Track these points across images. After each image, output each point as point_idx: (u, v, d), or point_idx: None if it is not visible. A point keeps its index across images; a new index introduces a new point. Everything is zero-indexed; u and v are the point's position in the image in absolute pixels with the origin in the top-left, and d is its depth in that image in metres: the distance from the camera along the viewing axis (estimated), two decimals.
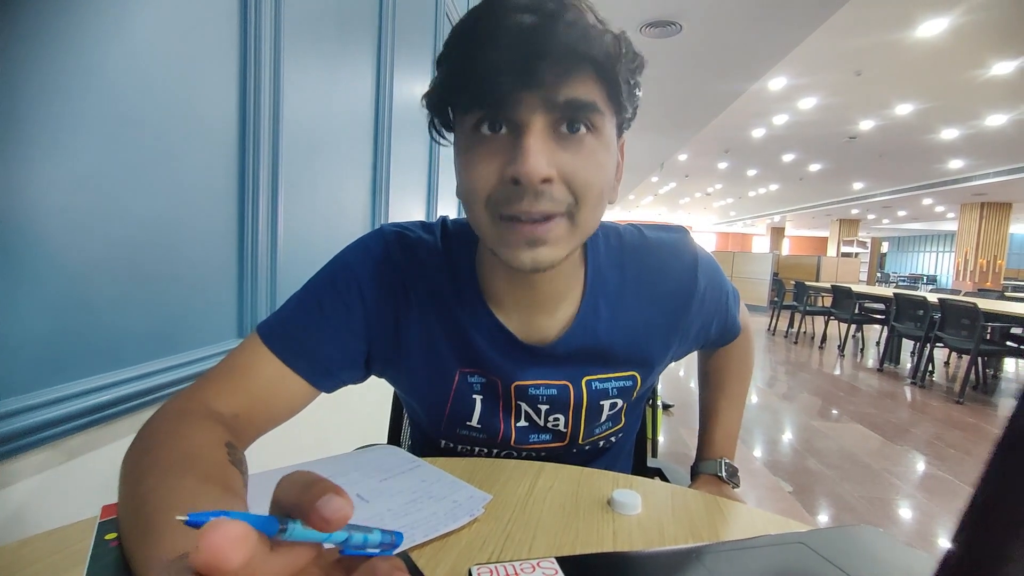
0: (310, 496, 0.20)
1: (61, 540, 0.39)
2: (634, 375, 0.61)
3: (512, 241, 0.46)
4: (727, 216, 21.80)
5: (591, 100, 0.44)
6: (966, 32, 4.02)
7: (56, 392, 0.53)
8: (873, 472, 2.60)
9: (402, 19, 1.45)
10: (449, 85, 0.46)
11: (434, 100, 0.48)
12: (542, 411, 0.58)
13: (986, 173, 9.16)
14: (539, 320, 0.56)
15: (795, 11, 3.30)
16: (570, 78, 0.43)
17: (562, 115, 0.44)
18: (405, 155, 1.60)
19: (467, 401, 0.58)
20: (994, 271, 11.45)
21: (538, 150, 0.43)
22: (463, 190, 0.48)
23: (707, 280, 0.62)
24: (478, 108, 0.44)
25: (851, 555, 0.40)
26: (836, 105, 6.10)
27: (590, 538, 0.43)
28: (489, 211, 0.46)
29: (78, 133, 0.53)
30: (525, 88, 0.42)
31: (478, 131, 0.45)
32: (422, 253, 0.57)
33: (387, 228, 0.58)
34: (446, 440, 0.62)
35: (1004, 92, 5.29)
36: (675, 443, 2.87)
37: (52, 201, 0.51)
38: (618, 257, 0.59)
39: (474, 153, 0.46)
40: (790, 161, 9.63)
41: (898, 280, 18.63)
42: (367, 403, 1.42)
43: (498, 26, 0.42)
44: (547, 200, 0.44)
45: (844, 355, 5.72)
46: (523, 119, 0.43)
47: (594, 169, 0.46)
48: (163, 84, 0.64)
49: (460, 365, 0.57)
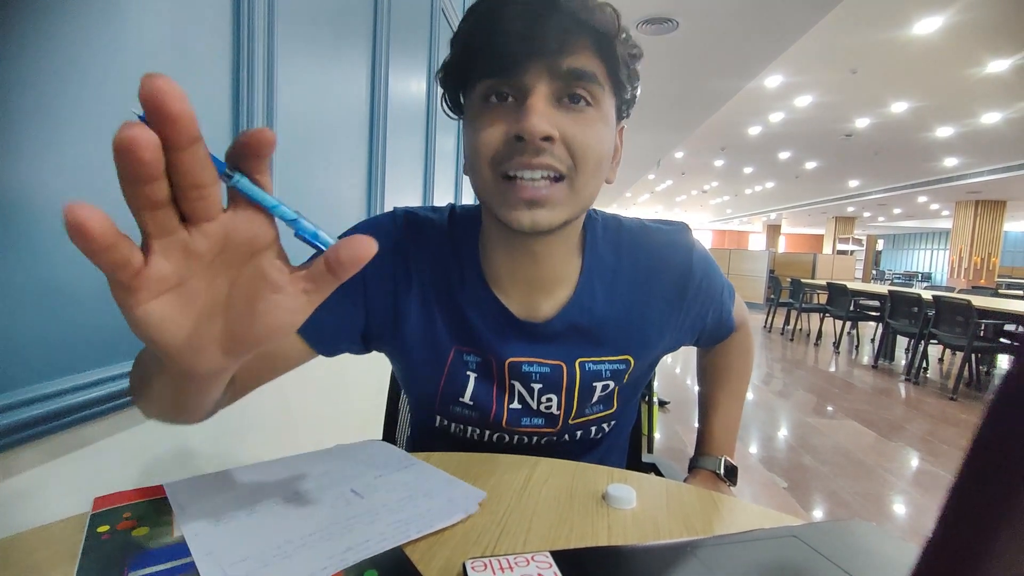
0: (243, 137, 0.25)
1: (53, 535, 0.39)
2: (627, 359, 0.62)
3: (512, 200, 0.48)
4: (723, 213, 21.84)
5: (591, 71, 0.48)
6: (961, 30, 4.03)
7: (49, 387, 0.52)
8: (867, 468, 2.61)
9: (397, 14, 1.44)
10: (461, 59, 0.50)
11: (448, 74, 0.53)
12: (535, 390, 0.59)
13: (980, 171, 9.20)
14: (537, 300, 0.58)
15: (791, 9, 3.30)
16: (572, 48, 0.47)
17: (565, 83, 0.47)
18: (401, 150, 1.59)
19: (461, 378, 0.60)
20: (988, 268, 11.52)
21: (541, 111, 0.46)
22: (469, 153, 0.51)
23: (703, 271, 0.64)
24: (486, 76, 0.48)
25: (843, 548, 0.41)
26: (832, 103, 6.12)
27: (585, 532, 0.43)
28: (493, 170, 0.49)
29: (71, 130, 0.53)
30: (530, 55, 0.46)
31: (487, 101, 0.49)
32: (428, 231, 0.60)
33: (399, 209, 0.62)
34: (440, 417, 0.63)
35: (999, 90, 5.31)
36: (671, 439, 2.88)
37: (44, 197, 0.51)
38: (615, 241, 0.62)
39: (482, 120, 0.49)
40: (786, 159, 9.65)
41: (893, 277, 18.73)
42: (363, 398, 1.42)
43: (505, 2, 0.46)
44: (548, 155, 0.47)
45: (839, 352, 5.75)
46: (528, 84, 0.47)
47: (593, 137, 0.49)
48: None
49: (456, 343, 0.59)
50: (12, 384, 0.49)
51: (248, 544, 0.37)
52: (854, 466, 2.63)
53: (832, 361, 5.31)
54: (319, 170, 1.09)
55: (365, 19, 1.28)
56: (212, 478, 0.48)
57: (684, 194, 16.35)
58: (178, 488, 0.45)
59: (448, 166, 2.32)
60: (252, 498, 0.44)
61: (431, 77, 1.89)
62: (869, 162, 9.38)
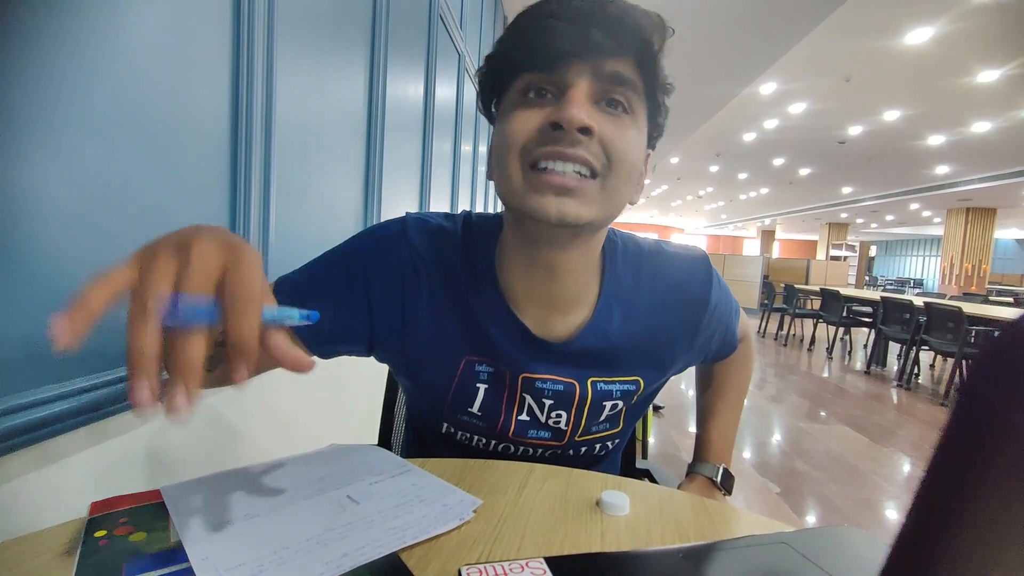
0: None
1: (50, 540, 0.39)
2: (638, 380, 0.61)
3: (542, 187, 0.46)
4: (718, 219, 21.96)
5: (632, 79, 0.48)
6: (952, 41, 4.09)
7: (45, 392, 0.52)
8: (860, 473, 2.63)
9: (396, 20, 1.45)
10: (507, 51, 0.50)
11: (491, 68, 0.52)
12: (546, 405, 0.59)
13: (971, 179, 9.31)
14: (553, 319, 0.58)
15: (786, 17, 3.34)
16: (617, 53, 0.47)
17: (606, 85, 0.47)
18: (398, 156, 1.60)
19: (471, 388, 0.59)
20: (979, 275, 11.63)
21: (581, 103, 0.46)
22: (497, 146, 0.50)
23: (718, 300, 0.64)
24: (528, 70, 0.48)
25: (833, 555, 0.41)
26: (826, 110, 6.18)
27: (579, 538, 0.43)
28: (522, 160, 0.48)
29: (70, 134, 0.53)
30: (574, 54, 0.45)
31: (525, 96, 0.48)
32: (440, 239, 0.58)
33: (411, 215, 0.60)
34: (448, 424, 0.62)
35: (989, 99, 5.38)
36: (665, 444, 2.88)
37: (42, 201, 0.51)
38: (635, 262, 0.61)
39: (517, 111, 0.48)
40: (780, 165, 9.73)
41: (886, 283, 18.86)
42: (360, 401, 1.41)
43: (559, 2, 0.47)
44: (583, 148, 0.46)
45: (832, 357, 5.79)
46: (570, 80, 0.46)
47: (629, 141, 0.48)
48: (155, 84, 0.64)
49: (467, 353, 0.58)
50: (7, 389, 0.49)
51: (244, 549, 0.38)
52: (846, 471, 2.65)
53: (825, 366, 5.34)
54: (316, 174, 1.09)
55: (364, 24, 1.29)
56: (208, 481, 0.48)
57: (679, 199, 16.44)
58: (175, 492, 0.45)
59: (445, 172, 2.33)
60: (249, 502, 0.44)
61: (429, 82, 1.90)
62: (862, 169, 9.47)
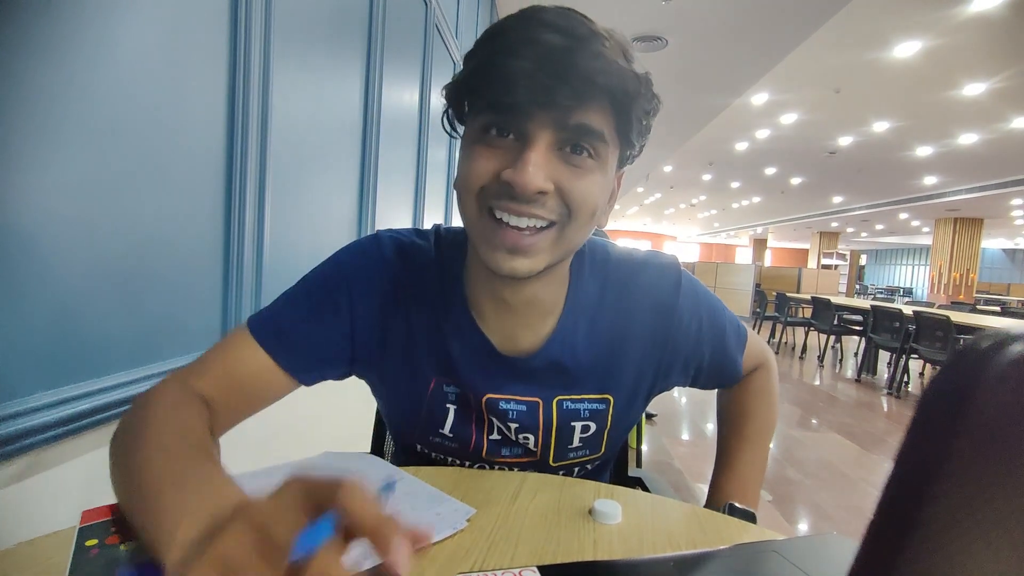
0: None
1: (41, 550, 0.38)
2: (607, 398, 0.60)
3: (495, 243, 0.47)
4: (711, 227, 22.12)
5: (600, 129, 0.46)
6: (939, 54, 4.17)
7: (36, 400, 0.52)
8: (851, 481, 2.64)
9: (392, 30, 1.46)
10: (470, 84, 0.47)
11: (453, 93, 0.50)
12: (512, 428, 0.58)
13: (958, 189, 9.45)
14: (520, 333, 0.57)
15: (777, 29, 3.40)
16: (584, 105, 0.44)
17: (569, 137, 0.45)
18: (393, 162, 1.61)
19: (441, 410, 0.58)
20: (967, 284, 11.78)
21: (538, 164, 0.44)
22: (459, 177, 0.49)
23: (691, 312, 0.61)
24: (491, 112, 0.46)
25: (822, 563, 0.42)
26: (816, 121, 6.26)
27: (571, 547, 0.43)
28: (479, 202, 0.47)
29: (66, 140, 0.53)
30: (539, 106, 0.43)
31: (486, 132, 0.47)
32: (416, 258, 0.58)
33: (383, 233, 0.59)
34: (421, 446, 0.62)
35: (976, 112, 5.48)
36: (658, 452, 2.89)
37: (37, 208, 0.51)
38: (602, 271, 0.60)
39: (478, 149, 0.47)
40: (772, 174, 9.83)
41: (876, 292, 19.04)
42: (351, 410, 1.41)
43: (527, 40, 0.43)
44: (538, 206, 0.46)
45: (823, 365, 5.82)
46: (531, 132, 0.45)
47: (590, 189, 0.47)
48: (151, 91, 0.64)
49: (436, 374, 0.58)
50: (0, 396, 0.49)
51: None
52: (837, 479, 2.66)
53: (816, 374, 5.38)
54: (312, 181, 1.09)
55: (360, 33, 1.29)
56: None
57: (672, 207, 16.55)
58: None
59: (439, 179, 2.33)
60: None
61: (424, 91, 1.91)
62: (852, 179, 9.60)
